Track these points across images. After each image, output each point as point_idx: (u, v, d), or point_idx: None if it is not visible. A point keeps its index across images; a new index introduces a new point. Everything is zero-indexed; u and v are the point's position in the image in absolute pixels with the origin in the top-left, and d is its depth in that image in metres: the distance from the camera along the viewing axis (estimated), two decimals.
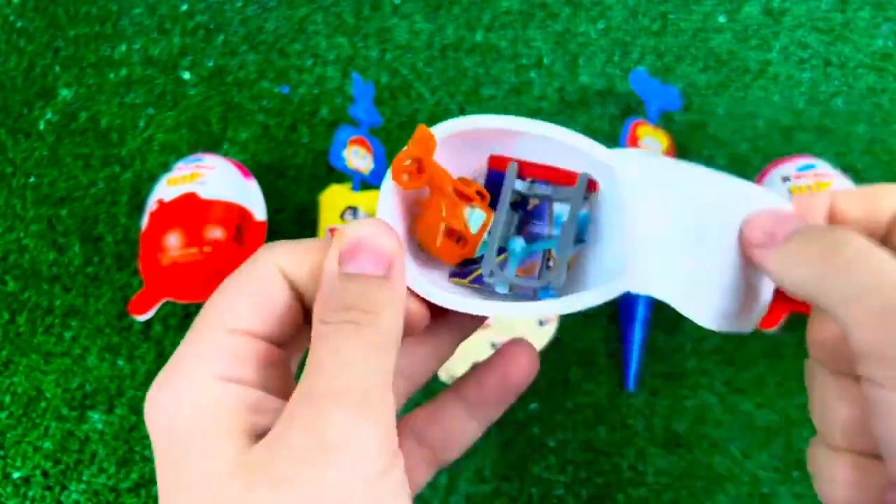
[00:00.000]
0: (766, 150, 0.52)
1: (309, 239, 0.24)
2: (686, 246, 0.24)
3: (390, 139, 0.53)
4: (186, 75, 0.57)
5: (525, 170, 0.27)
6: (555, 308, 0.25)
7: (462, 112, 0.54)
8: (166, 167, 0.52)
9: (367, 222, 0.23)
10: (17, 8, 0.60)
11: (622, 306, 0.46)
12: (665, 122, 0.52)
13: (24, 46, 0.58)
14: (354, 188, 0.48)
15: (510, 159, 0.27)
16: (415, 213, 0.27)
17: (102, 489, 0.44)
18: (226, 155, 0.52)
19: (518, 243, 0.27)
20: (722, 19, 0.57)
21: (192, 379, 0.21)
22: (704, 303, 0.25)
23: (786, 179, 0.45)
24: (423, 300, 0.24)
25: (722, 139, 0.52)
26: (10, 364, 0.48)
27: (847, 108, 0.53)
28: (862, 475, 0.22)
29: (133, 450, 0.45)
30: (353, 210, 0.47)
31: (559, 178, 0.27)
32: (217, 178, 0.47)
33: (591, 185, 0.26)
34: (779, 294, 0.27)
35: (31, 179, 0.53)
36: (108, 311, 0.49)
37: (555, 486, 0.44)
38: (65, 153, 0.54)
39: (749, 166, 0.51)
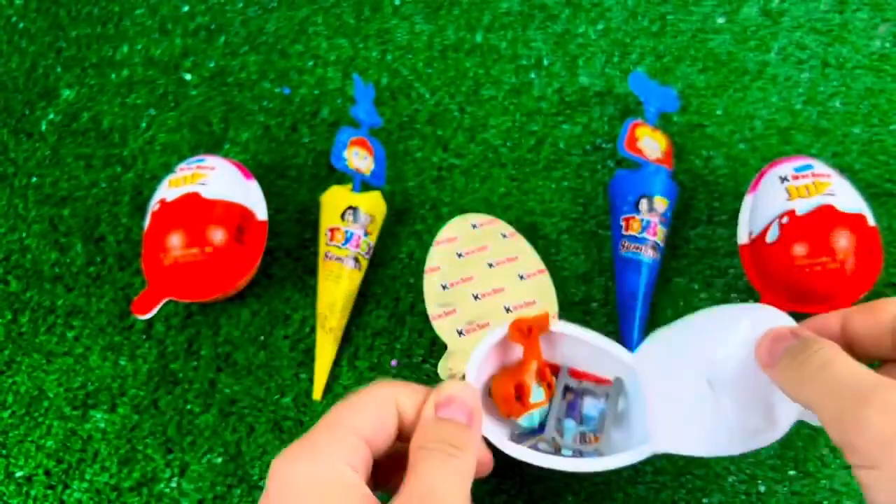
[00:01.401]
0: (763, 151, 0.52)
1: (418, 384, 0.32)
2: (704, 401, 0.32)
3: (391, 140, 0.53)
4: (188, 76, 0.57)
5: (571, 372, 0.40)
6: (596, 466, 0.36)
7: (462, 112, 0.54)
8: (168, 167, 0.52)
9: (458, 384, 0.32)
10: (19, 9, 0.60)
11: (620, 306, 0.46)
12: (663, 122, 0.53)
13: (26, 47, 0.59)
14: (355, 189, 0.48)
15: (553, 364, 0.40)
16: (496, 371, 0.40)
17: (104, 488, 0.44)
18: (227, 155, 0.53)
19: (571, 423, 0.40)
20: (721, 20, 0.57)
21: (328, 458, 0.27)
22: (729, 438, 0.32)
23: (784, 180, 0.45)
24: (490, 450, 0.35)
25: (720, 140, 0.52)
26: (12, 363, 0.48)
27: (845, 108, 0.53)
28: None
29: (135, 449, 0.45)
30: (354, 210, 0.47)
31: (592, 378, 0.40)
32: (218, 179, 0.47)
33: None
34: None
35: (33, 179, 0.54)
36: (110, 310, 0.49)
37: (554, 484, 0.44)
38: (66, 153, 0.54)
39: (747, 167, 0.51)
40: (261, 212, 0.48)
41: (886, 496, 0.23)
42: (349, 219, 0.47)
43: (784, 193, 0.44)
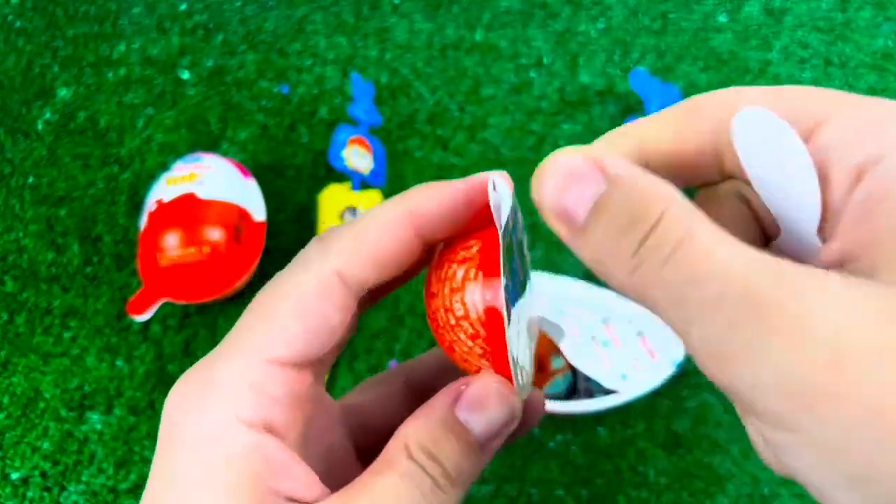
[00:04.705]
0: None
1: (364, 223, 0.20)
2: None
3: (390, 139, 0.53)
4: (185, 75, 0.56)
5: None
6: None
7: (462, 111, 0.54)
8: (165, 167, 0.52)
9: (497, 381, 0.20)
10: (15, 7, 0.60)
11: None
12: None
13: (23, 46, 0.58)
14: (354, 188, 0.48)
15: None
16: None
17: (101, 490, 0.44)
18: (225, 154, 0.52)
19: None
20: (722, 19, 0.56)
21: (218, 404, 0.18)
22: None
23: None
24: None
25: None
26: (8, 364, 0.48)
27: None
28: None
29: (132, 450, 0.45)
30: (353, 210, 0.47)
31: None
32: (216, 178, 0.47)
33: None
34: None
35: (30, 179, 0.53)
36: (106, 311, 0.49)
37: (555, 487, 0.44)
38: (63, 153, 0.54)
39: None
40: (259, 212, 0.48)
41: (807, 459, 0.14)
42: (348, 219, 0.47)
43: None
